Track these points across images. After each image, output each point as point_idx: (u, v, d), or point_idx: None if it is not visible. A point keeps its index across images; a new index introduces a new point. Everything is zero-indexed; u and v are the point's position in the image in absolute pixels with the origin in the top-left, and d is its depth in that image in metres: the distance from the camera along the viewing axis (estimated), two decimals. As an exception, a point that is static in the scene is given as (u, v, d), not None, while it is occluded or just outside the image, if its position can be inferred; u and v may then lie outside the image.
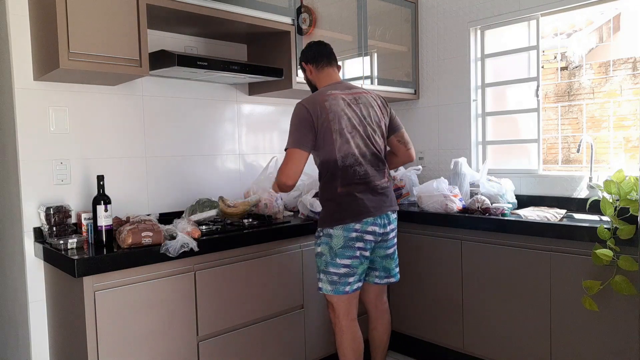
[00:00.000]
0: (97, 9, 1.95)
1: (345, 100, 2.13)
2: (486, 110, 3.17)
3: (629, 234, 1.98)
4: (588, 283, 2.05)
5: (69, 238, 1.96)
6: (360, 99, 2.18)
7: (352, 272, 2.10)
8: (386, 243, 2.21)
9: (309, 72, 2.30)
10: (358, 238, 2.09)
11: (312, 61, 2.27)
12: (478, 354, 2.55)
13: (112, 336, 1.84)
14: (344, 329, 2.17)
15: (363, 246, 2.10)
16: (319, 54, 2.26)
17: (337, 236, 2.09)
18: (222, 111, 2.80)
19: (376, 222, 2.12)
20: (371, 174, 2.13)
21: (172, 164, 2.59)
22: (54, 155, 2.18)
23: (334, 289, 2.11)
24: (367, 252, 2.13)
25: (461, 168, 2.88)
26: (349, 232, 2.08)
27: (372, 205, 2.11)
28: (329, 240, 2.11)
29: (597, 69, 3.23)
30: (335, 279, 2.10)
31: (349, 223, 2.08)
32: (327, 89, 2.17)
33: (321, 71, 2.26)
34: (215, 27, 2.52)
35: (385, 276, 2.27)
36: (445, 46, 3.25)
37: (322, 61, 2.26)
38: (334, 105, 2.09)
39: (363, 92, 2.22)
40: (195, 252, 1.99)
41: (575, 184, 2.74)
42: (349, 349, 2.18)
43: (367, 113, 2.17)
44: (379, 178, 2.16)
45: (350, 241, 2.08)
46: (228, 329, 2.19)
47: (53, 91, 2.18)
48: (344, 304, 2.15)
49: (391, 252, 2.25)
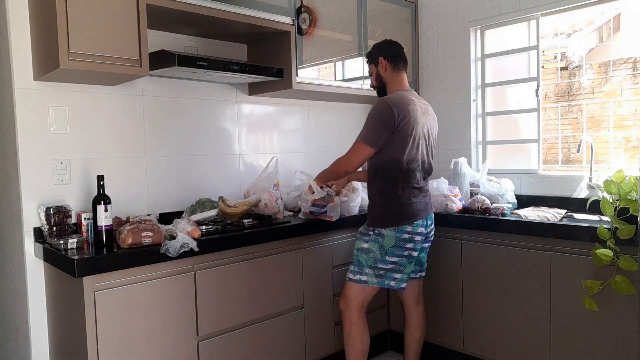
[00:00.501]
0: (97, 9, 1.95)
1: (421, 109, 2.23)
2: (486, 110, 3.17)
3: (629, 234, 1.98)
4: (588, 283, 2.05)
5: (69, 238, 1.96)
6: (428, 111, 2.29)
7: (398, 268, 2.21)
8: (427, 240, 2.34)
9: (383, 69, 2.30)
10: (409, 239, 2.20)
11: (391, 59, 2.29)
12: (478, 354, 2.55)
13: (112, 336, 1.84)
14: (356, 320, 2.27)
15: (413, 247, 2.22)
16: (399, 54, 2.30)
17: (388, 236, 2.19)
18: (222, 111, 2.80)
19: (424, 224, 2.24)
20: (425, 180, 2.29)
21: (172, 164, 2.59)
22: (54, 155, 2.18)
23: (380, 281, 2.22)
24: (416, 252, 2.24)
25: (461, 168, 2.88)
26: (401, 234, 2.19)
27: (421, 209, 2.24)
28: (380, 240, 2.21)
29: (597, 69, 3.23)
30: (381, 272, 2.22)
31: (403, 225, 2.18)
32: (405, 94, 2.22)
33: (397, 73, 2.30)
34: (215, 27, 2.52)
35: (420, 270, 2.40)
36: (445, 46, 3.25)
37: (400, 62, 2.30)
38: (414, 110, 2.17)
39: (428, 105, 2.33)
40: (195, 252, 1.99)
41: (575, 184, 2.73)
42: (357, 339, 2.28)
43: (431, 125, 2.29)
44: (425, 184, 2.30)
45: (401, 242, 2.20)
46: (228, 329, 2.19)
47: (53, 91, 2.18)
48: (364, 297, 2.27)
49: (427, 247, 2.38)
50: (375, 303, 2.78)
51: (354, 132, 3.43)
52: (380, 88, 2.36)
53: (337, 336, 2.64)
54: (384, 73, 2.30)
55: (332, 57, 2.93)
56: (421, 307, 2.47)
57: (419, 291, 2.45)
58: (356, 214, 2.66)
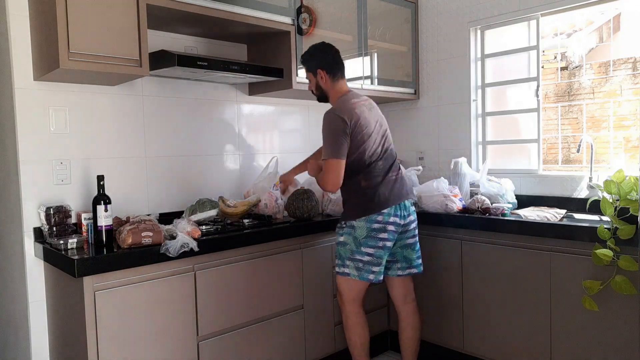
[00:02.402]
0: (97, 9, 1.95)
1: (366, 107, 2.29)
2: (486, 110, 3.17)
3: (629, 234, 1.98)
4: (588, 283, 2.05)
5: (69, 238, 1.96)
6: (373, 108, 2.33)
7: (375, 261, 2.23)
8: (408, 233, 2.31)
9: (323, 80, 2.33)
10: (381, 229, 2.21)
11: (329, 70, 2.32)
12: (478, 354, 2.55)
13: (112, 336, 1.84)
14: (348, 314, 2.32)
15: (386, 237, 2.22)
16: (336, 63, 2.34)
17: (360, 227, 2.22)
18: (222, 111, 2.80)
19: (397, 213, 2.24)
20: (389, 167, 2.29)
21: (172, 164, 2.59)
22: (54, 155, 2.18)
23: (359, 274, 2.25)
24: (390, 242, 2.24)
25: (461, 168, 2.88)
26: (371, 223, 2.21)
27: (392, 196, 2.24)
28: (352, 231, 2.25)
29: (597, 69, 3.23)
30: (359, 265, 2.24)
31: (372, 214, 2.21)
32: (347, 98, 2.29)
33: (336, 82, 2.35)
34: (215, 27, 2.52)
35: (407, 267, 2.35)
36: (445, 46, 3.25)
37: (338, 72, 2.34)
38: (361, 111, 2.24)
39: (370, 100, 2.37)
40: (195, 252, 1.99)
41: (575, 184, 2.73)
42: (353, 332, 2.33)
43: (379, 117, 2.34)
44: (394, 170, 2.31)
45: (373, 232, 2.21)
46: (228, 329, 2.19)
47: (53, 91, 2.18)
48: (357, 292, 2.30)
49: (411, 243, 2.33)
50: (375, 303, 2.78)
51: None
52: (320, 96, 2.40)
53: (337, 336, 2.64)
54: (324, 84, 2.33)
55: (332, 57, 2.92)
56: (411, 306, 2.42)
57: (408, 289, 2.41)
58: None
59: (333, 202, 2.65)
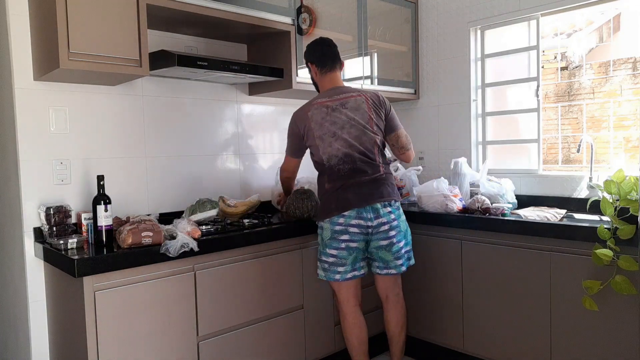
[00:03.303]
0: (97, 9, 1.95)
1: (329, 107, 2.28)
2: (486, 110, 3.17)
3: (629, 234, 1.98)
4: (588, 283, 2.05)
5: (69, 238, 1.96)
6: (348, 103, 2.30)
7: (340, 262, 2.25)
8: (378, 235, 2.27)
9: (314, 73, 2.42)
10: (342, 231, 2.23)
11: (317, 64, 2.38)
12: (478, 354, 2.55)
13: (112, 336, 1.84)
14: (344, 315, 2.36)
15: (349, 238, 2.23)
16: (323, 57, 2.37)
17: (325, 229, 2.28)
18: (222, 111, 2.80)
19: (361, 216, 2.22)
20: (357, 171, 2.26)
21: (172, 164, 2.59)
22: (54, 155, 2.18)
23: (326, 275, 2.30)
24: (355, 243, 2.24)
25: (461, 168, 2.88)
26: (334, 225, 2.24)
27: (356, 199, 2.23)
28: (321, 232, 2.31)
29: (597, 69, 3.23)
30: (325, 266, 2.29)
31: (333, 216, 2.24)
32: (317, 98, 2.34)
33: (324, 76, 2.39)
34: (215, 27, 2.52)
35: (384, 267, 2.33)
36: (445, 46, 3.25)
37: (325, 66, 2.37)
38: (315, 114, 2.28)
39: (353, 96, 2.32)
40: (195, 252, 1.99)
41: (575, 184, 2.74)
42: (350, 333, 2.35)
43: (353, 116, 2.28)
44: (366, 174, 2.27)
45: (335, 234, 2.24)
46: (228, 329, 2.19)
47: (53, 91, 2.18)
48: (343, 291, 2.33)
49: (385, 244, 2.27)
50: (373, 303, 2.78)
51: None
52: (316, 89, 2.49)
53: (337, 336, 2.64)
54: (315, 77, 2.43)
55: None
56: (392, 302, 2.42)
57: (389, 287, 2.41)
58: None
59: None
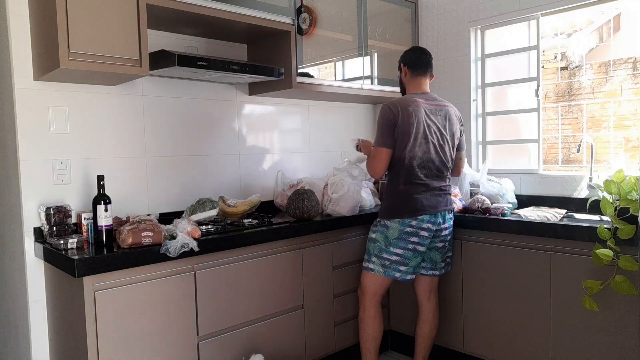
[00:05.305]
0: (97, 9, 1.95)
1: (427, 110, 2.33)
2: (486, 110, 3.17)
3: (629, 234, 1.98)
4: (588, 283, 2.05)
5: (69, 238, 1.96)
6: (441, 111, 2.38)
7: (403, 261, 2.30)
8: (438, 238, 2.36)
9: (404, 74, 2.48)
10: (413, 233, 2.28)
11: (410, 65, 2.44)
12: (478, 354, 2.55)
13: (112, 336, 1.84)
14: (367, 306, 2.40)
15: (418, 241, 2.29)
16: (419, 61, 2.44)
17: (393, 228, 2.30)
18: (222, 111, 2.79)
19: (431, 220, 2.30)
20: (432, 177, 2.33)
21: (172, 164, 2.59)
22: (54, 155, 2.18)
23: (385, 271, 2.33)
24: (422, 247, 2.31)
25: (461, 168, 2.87)
26: (404, 227, 2.28)
27: (428, 205, 2.30)
28: (386, 231, 2.32)
29: (597, 69, 3.23)
30: (386, 263, 2.32)
31: (406, 218, 2.26)
32: (413, 96, 2.35)
33: (414, 78, 2.44)
34: (215, 27, 2.52)
35: (431, 267, 2.43)
36: (445, 46, 3.25)
37: (419, 69, 2.43)
38: (416, 111, 2.28)
39: (445, 105, 2.42)
40: (195, 252, 1.99)
41: (576, 184, 2.73)
42: (369, 325, 2.40)
43: (444, 125, 2.36)
44: (438, 182, 2.35)
45: (405, 234, 2.28)
46: (228, 329, 2.19)
47: (53, 91, 2.18)
48: (375, 285, 2.38)
49: (440, 246, 2.40)
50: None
51: (354, 132, 3.46)
52: (402, 90, 2.53)
53: (337, 336, 2.64)
54: (405, 78, 2.48)
55: (332, 57, 2.93)
56: (432, 304, 2.50)
57: (431, 289, 2.49)
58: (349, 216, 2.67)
59: (333, 202, 2.65)
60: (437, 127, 2.33)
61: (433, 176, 2.33)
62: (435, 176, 2.33)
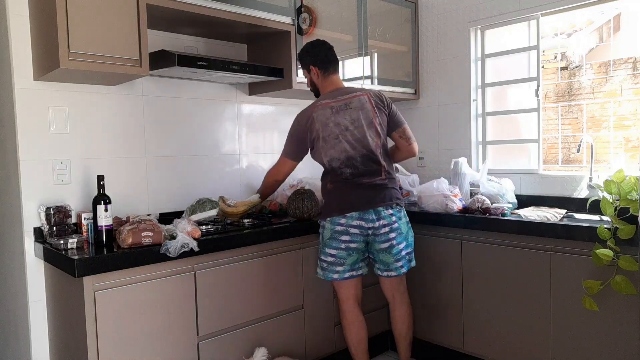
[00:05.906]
0: (97, 9, 1.95)
1: (334, 109, 2.29)
2: (486, 110, 3.17)
3: (629, 234, 1.98)
4: (588, 283, 2.05)
5: (69, 238, 1.96)
6: (351, 104, 2.30)
7: (339, 261, 2.28)
8: (379, 237, 2.28)
9: (315, 76, 2.40)
10: (343, 231, 2.25)
11: (321, 65, 2.38)
12: (478, 354, 2.55)
13: (112, 336, 1.84)
14: (344, 313, 2.39)
15: (349, 239, 2.25)
16: (327, 59, 2.38)
17: (326, 228, 2.30)
18: (222, 111, 2.80)
19: (362, 217, 2.24)
20: (360, 173, 2.28)
21: (172, 164, 2.59)
22: (54, 155, 2.18)
23: (323, 274, 2.33)
24: (354, 244, 2.26)
25: (461, 168, 2.88)
26: (334, 225, 2.26)
27: (359, 202, 2.25)
28: (322, 231, 2.34)
29: (597, 69, 3.23)
30: (324, 265, 2.31)
31: (335, 217, 2.26)
32: (320, 99, 2.34)
33: (327, 78, 2.40)
34: (215, 27, 2.52)
35: (385, 269, 2.36)
36: (445, 46, 3.25)
37: (329, 68, 2.39)
38: (320, 115, 2.28)
39: (356, 96, 2.32)
40: (195, 252, 1.99)
41: (576, 184, 2.73)
42: (349, 330, 2.39)
43: (358, 116, 2.29)
44: (369, 177, 2.29)
45: (336, 234, 2.26)
46: (228, 329, 2.19)
47: (53, 91, 2.18)
48: (342, 290, 2.37)
49: (386, 247, 2.29)
50: (374, 303, 2.78)
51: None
52: (315, 92, 2.47)
53: (337, 336, 2.64)
54: (317, 80, 2.41)
55: (332, 57, 2.92)
56: (398, 303, 2.46)
57: (394, 287, 2.44)
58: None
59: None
60: (351, 122, 2.26)
61: (361, 173, 2.26)
62: (364, 172, 2.26)
